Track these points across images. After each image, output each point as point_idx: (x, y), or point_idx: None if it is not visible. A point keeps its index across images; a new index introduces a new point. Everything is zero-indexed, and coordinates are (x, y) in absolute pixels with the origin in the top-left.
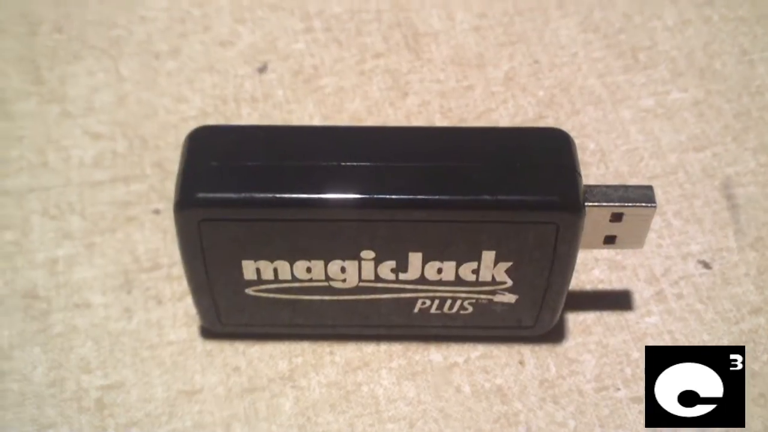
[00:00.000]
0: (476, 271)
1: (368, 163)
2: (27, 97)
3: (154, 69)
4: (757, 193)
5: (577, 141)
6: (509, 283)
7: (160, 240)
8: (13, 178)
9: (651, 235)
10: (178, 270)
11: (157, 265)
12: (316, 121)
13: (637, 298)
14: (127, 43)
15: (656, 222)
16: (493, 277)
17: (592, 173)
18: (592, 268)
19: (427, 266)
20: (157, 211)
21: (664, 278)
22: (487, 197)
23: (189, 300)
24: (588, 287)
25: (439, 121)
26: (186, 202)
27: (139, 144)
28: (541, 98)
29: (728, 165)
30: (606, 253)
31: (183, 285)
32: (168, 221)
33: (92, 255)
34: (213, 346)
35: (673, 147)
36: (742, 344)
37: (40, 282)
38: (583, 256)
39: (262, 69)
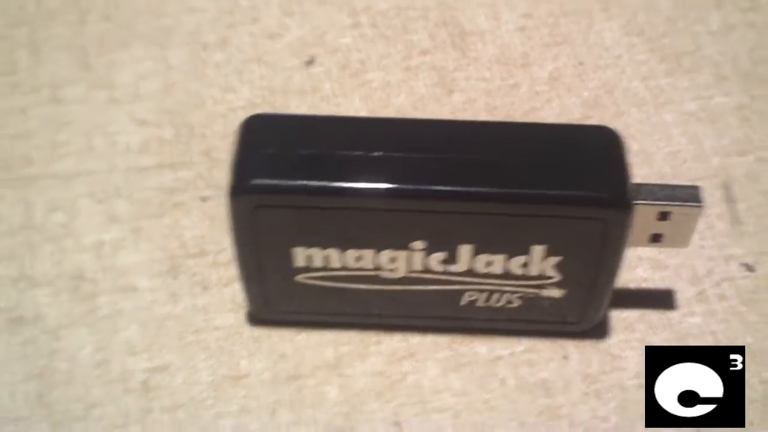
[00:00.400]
0: (525, 265)
1: (421, 155)
2: (75, 83)
3: (202, 59)
4: None
5: None
6: (557, 278)
7: (207, 227)
8: (61, 161)
9: (694, 237)
10: (225, 256)
11: (203, 252)
12: (363, 115)
13: (680, 298)
14: (175, 32)
15: (699, 224)
16: (541, 271)
17: (635, 173)
18: (635, 267)
19: (477, 259)
20: (204, 198)
21: (706, 279)
22: (536, 191)
23: (236, 286)
24: (631, 285)
25: (485, 118)
26: (241, 188)
27: (187, 132)
28: (585, 99)
29: None
30: (649, 252)
31: (230, 271)
32: (215, 208)
33: (139, 239)
34: (260, 332)
35: (716, 150)
36: None
37: (87, 264)
38: (627, 255)
39: (310, 62)
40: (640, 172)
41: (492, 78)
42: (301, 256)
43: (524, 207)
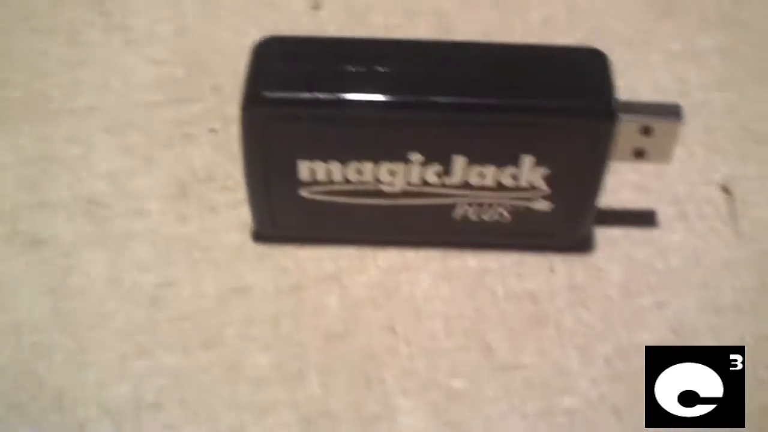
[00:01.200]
0: (516, 177)
1: (420, 70)
2: (92, 27)
3: (215, 3)
4: None
5: None
6: (546, 190)
7: (215, 156)
8: (78, 98)
9: (675, 163)
10: (233, 182)
11: (212, 177)
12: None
13: (662, 217)
14: None
15: (681, 151)
16: (530, 183)
17: None
18: (619, 190)
19: (471, 170)
20: (213, 130)
21: (687, 201)
22: (527, 101)
23: (243, 209)
24: (616, 206)
25: None
26: (253, 100)
27: (198, 71)
28: (576, 40)
29: (751, 104)
30: (633, 176)
31: (237, 195)
32: (224, 139)
33: (151, 167)
34: (264, 249)
35: (698, 87)
36: (757, 261)
37: (101, 190)
38: (611, 179)
39: (316, 6)
40: None
41: (489, 21)
42: (305, 169)
43: (515, 116)
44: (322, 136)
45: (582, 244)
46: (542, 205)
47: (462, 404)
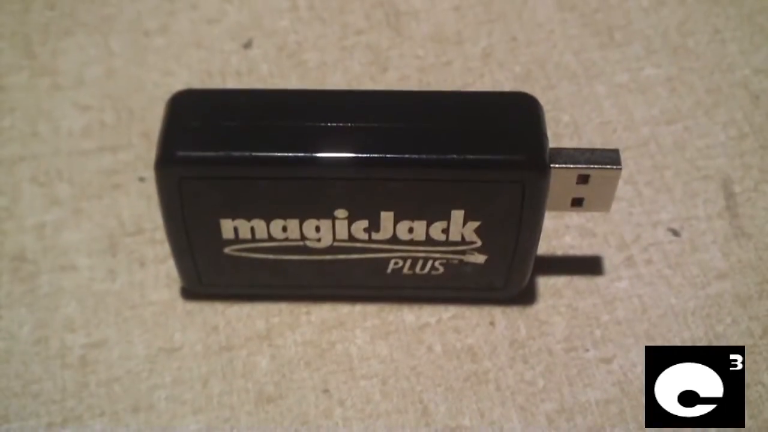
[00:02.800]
0: (446, 231)
1: (342, 124)
2: (19, 71)
3: (143, 45)
4: (725, 164)
5: (551, 114)
6: (478, 243)
7: (144, 206)
8: (4, 147)
9: (622, 204)
10: (161, 234)
11: (141, 230)
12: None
13: (608, 264)
14: (117, 20)
15: (627, 191)
16: (462, 236)
17: (565, 144)
18: (563, 235)
19: (399, 226)
20: (142, 179)
21: (634, 245)
22: (454, 156)
23: (171, 262)
24: (559, 252)
25: None
26: (166, 160)
27: (127, 116)
28: (517, 73)
29: (699, 138)
30: (577, 220)
31: (166, 248)
32: (152, 188)
33: (79, 220)
34: (193, 306)
35: (645, 120)
36: (707, 308)
37: (28, 245)
38: (554, 223)
39: (248, 45)
40: (570, 143)
41: (425, 55)
42: (228, 227)
43: (442, 172)
44: (242, 194)
45: (524, 295)
46: (476, 258)
47: None
